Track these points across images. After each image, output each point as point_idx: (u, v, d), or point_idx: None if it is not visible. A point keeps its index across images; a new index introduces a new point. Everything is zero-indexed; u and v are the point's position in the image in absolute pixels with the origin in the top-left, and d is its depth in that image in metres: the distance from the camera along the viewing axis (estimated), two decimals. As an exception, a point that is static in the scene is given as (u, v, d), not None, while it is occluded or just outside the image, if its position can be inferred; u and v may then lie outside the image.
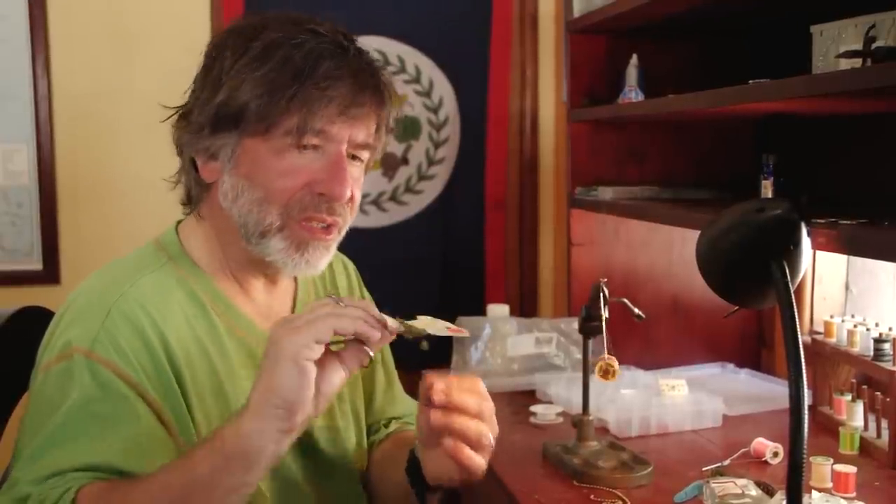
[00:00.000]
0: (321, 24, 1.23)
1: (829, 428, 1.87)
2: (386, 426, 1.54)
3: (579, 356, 2.08)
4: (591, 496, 1.57)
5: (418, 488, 1.28)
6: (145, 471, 1.08)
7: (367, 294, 1.59)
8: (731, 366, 2.40)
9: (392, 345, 1.60)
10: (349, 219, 1.28)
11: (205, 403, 1.20)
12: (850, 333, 1.87)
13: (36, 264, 3.01)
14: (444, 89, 3.24)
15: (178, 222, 1.36)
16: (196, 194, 1.29)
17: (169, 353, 1.17)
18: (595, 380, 1.70)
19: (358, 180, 1.27)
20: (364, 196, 1.69)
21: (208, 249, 1.30)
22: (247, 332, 1.29)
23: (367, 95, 1.22)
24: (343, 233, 1.30)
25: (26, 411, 1.16)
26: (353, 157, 1.26)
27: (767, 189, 1.92)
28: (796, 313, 0.95)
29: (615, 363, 1.64)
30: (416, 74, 3.22)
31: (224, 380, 1.23)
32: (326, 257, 1.27)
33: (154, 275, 1.24)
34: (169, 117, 1.30)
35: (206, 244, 1.30)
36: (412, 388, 1.74)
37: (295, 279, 1.43)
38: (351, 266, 1.59)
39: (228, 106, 1.20)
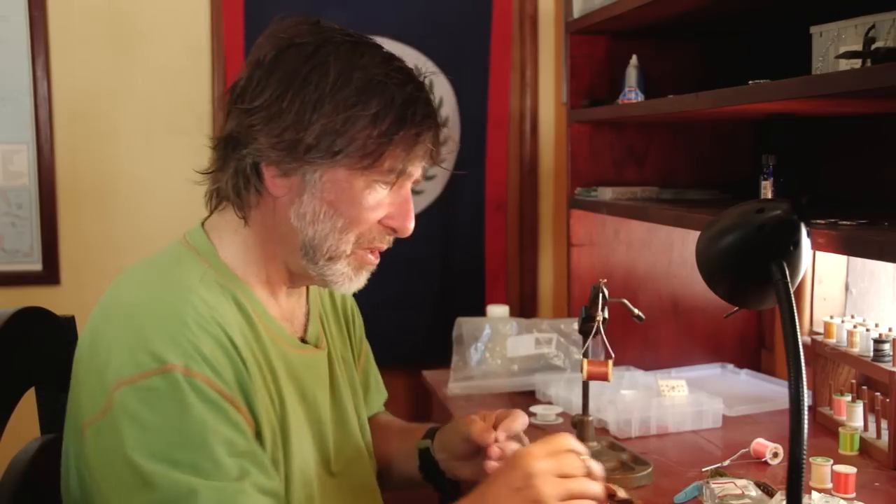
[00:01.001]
0: (396, 57, 1.27)
1: (828, 428, 1.87)
2: None
3: (579, 357, 2.08)
4: (591, 497, 1.57)
5: (436, 482, 1.40)
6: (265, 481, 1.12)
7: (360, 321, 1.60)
8: (730, 366, 2.40)
9: (374, 339, 1.63)
10: None
11: (268, 409, 1.20)
12: (850, 334, 1.87)
13: (36, 265, 3.01)
14: (443, 90, 3.24)
15: (203, 221, 1.34)
16: (248, 200, 1.25)
17: (243, 362, 1.16)
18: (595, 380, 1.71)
19: None
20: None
21: (245, 256, 1.28)
22: (280, 337, 1.29)
23: (443, 135, 1.28)
24: None
25: (109, 424, 1.09)
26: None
27: (767, 190, 1.92)
28: (796, 314, 0.95)
29: (606, 367, 1.64)
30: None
31: (271, 384, 1.23)
32: (366, 278, 1.31)
33: (204, 281, 1.21)
34: (227, 114, 1.26)
35: (245, 250, 1.28)
36: (407, 382, 1.75)
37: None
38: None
39: (332, 136, 1.18)
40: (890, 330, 1.81)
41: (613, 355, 1.67)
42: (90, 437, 1.11)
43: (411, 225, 1.27)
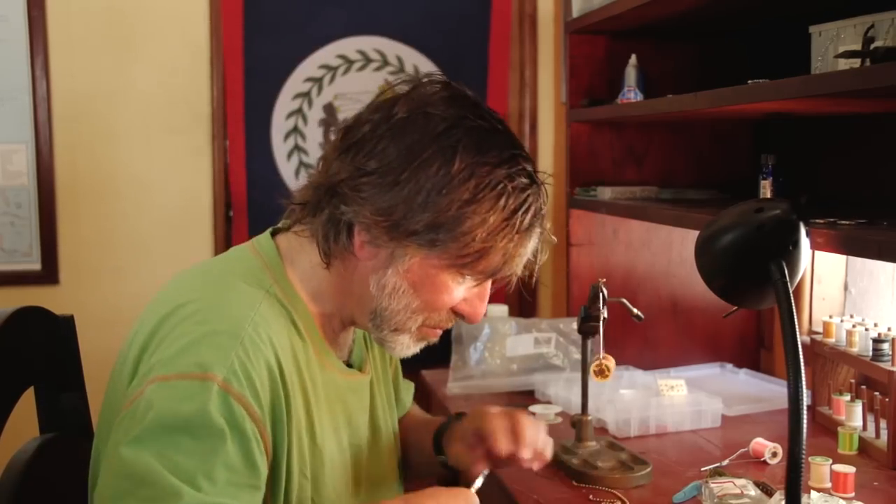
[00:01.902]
0: (523, 154, 1.20)
1: (827, 428, 1.87)
2: None
3: (578, 356, 2.08)
4: (590, 496, 1.57)
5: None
6: None
7: None
8: (730, 366, 2.40)
9: None
10: None
11: (301, 439, 1.19)
12: (849, 334, 1.87)
13: (35, 264, 3.01)
14: (443, 90, 3.23)
15: (273, 232, 1.31)
16: (334, 249, 1.22)
17: (284, 388, 1.15)
18: (594, 380, 1.71)
19: None
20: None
21: (315, 289, 1.26)
22: (330, 362, 1.28)
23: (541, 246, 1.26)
24: None
25: (133, 415, 1.08)
26: None
27: (766, 189, 1.92)
28: (795, 314, 0.95)
29: (612, 363, 1.64)
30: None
31: (314, 412, 1.22)
32: None
33: (268, 300, 1.19)
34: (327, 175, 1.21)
35: (316, 286, 1.26)
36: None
37: None
38: None
39: (438, 229, 1.15)
40: (889, 329, 1.81)
41: (602, 355, 1.67)
42: (115, 425, 1.11)
43: (482, 315, 1.28)
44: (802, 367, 0.92)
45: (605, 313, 1.67)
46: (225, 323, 1.12)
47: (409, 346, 1.27)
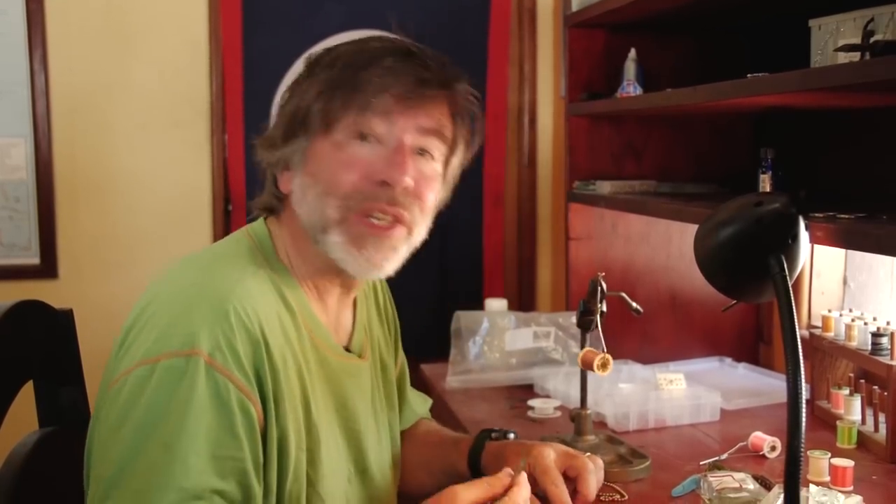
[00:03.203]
0: (393, 36, 1.29)
1: (826, 422, 1.87)
2: None
3: (577, 350, 2.08)
4: (589, 490, 1.57)
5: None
6: (246, 495, 1.10)
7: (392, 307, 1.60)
8: (728, 360, 2.40)
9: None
10: (419, 219, 1.26)
11: (296, 413, 1.20)
12: (848, 328, 1.87)
13: (34, 258, 3.01)
14: (442, 84, 3.23)
15: (266, 217, 1.34)
16: (275, 206, 1.30)
17: (271, 361, 1.15)
18: (593, 374, 1.71)
19: (428, 177, 1.26)
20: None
21: (292, 255, 1.29)
22: (324, 342, 1.28)
23: (433, 84, 1.23)
24: (415, 236, 1.28)
25: (124, 399, 1.10)
26: (423, 153, 1.25)
27: (766, 183, 1.92)
28: (794, 307, 0.95)
29: (607, 359, 1.64)
30: (414, 69, 3.22)
31: (308, 388, 1.23)
32: (391, 259, 1.25)
33: (256, 276, 1.21)
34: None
35: (291, 249, 1.29)
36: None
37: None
38: (384, 283, 1.59)
39: (296, 114, 1.23)
40: (888, 323, 1.81)
41: (605, 350, 1.67)
42: (105, 408, 1.13)
43: (402, 174, 1.20)
44: (801, 361, 0.92)
45: (604, 307, 1.67)
46: (208, 299, 1.14)
47: (349, 251, 1.22)
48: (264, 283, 1.21)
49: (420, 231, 1.28)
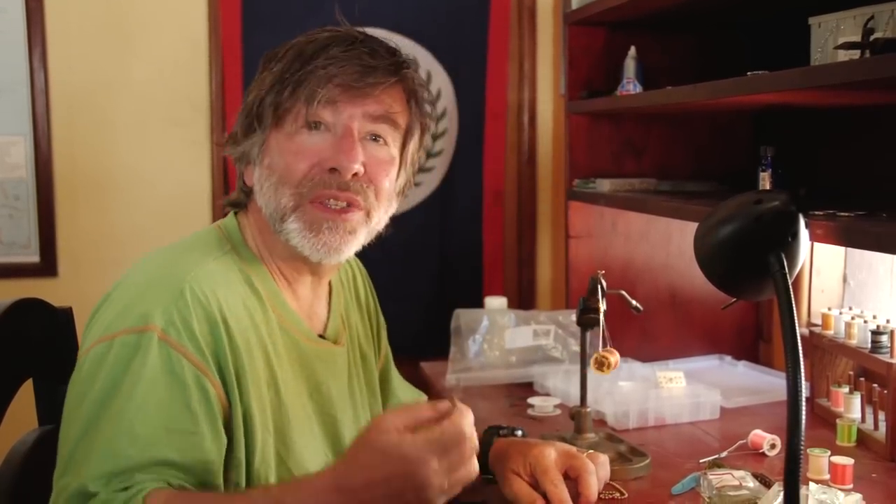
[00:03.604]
0: (344, 27, 1.32)
1: (826, 420, 1.87)
2: None
3: (577, 348, 2.08)
4: (589, 488, 1.57)
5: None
6: (203, 469, 1.10)
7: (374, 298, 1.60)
8: (728, 358, 2.40)
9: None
10: (375, 204, 1.29)
11: (260, 392, 1.21)
12: (848, 326, 1.87)
13: (33, 257, 3.01)
14: (442, 81, 3.23)
15: (237, 212, 1.37)
16: (242, 200, 1.34)
17: (231, 341, 1.18)
18: (593, 372, 1.71)
19: (382, 161, 1.29)
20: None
21: (261, 246, 1.32)
22: (295, 327, 1.31)
23: (379, 71, 1.26)
24: (373, 220, 1.30)
25: (83, 375, 1.14)
26: (376, 139, 1.28)
27: (765, 181, 1.91)
28: (794, 305, 0.95)
29: (610, 356, 1.64)
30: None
31: (277, 371, 1.25)
32: (349, 242, 1.27)
33: (219, 261, 1.25)
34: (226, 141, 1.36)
35: (260, 240, 1.32)
36: (405, 373, 1.77)
37: (329, 282, 1.44)
38: (364, 272, 1.61)
39: (251, 108, 1.28)
40: (887, 321, 1.81)
41: (610, 345, 1.67)
42: (68, 388, 1.17)
43: (350, 160, 1.24)
44: (801, 359, 0.92)
45: (604, 305, 1.67)
46: (166, 280, 1.18)
47: (305, 236, 1.24)
48: (230, 268, 1.25)
49: (379, 215, 1.31)
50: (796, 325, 0.94)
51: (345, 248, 1.27)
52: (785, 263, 1.01)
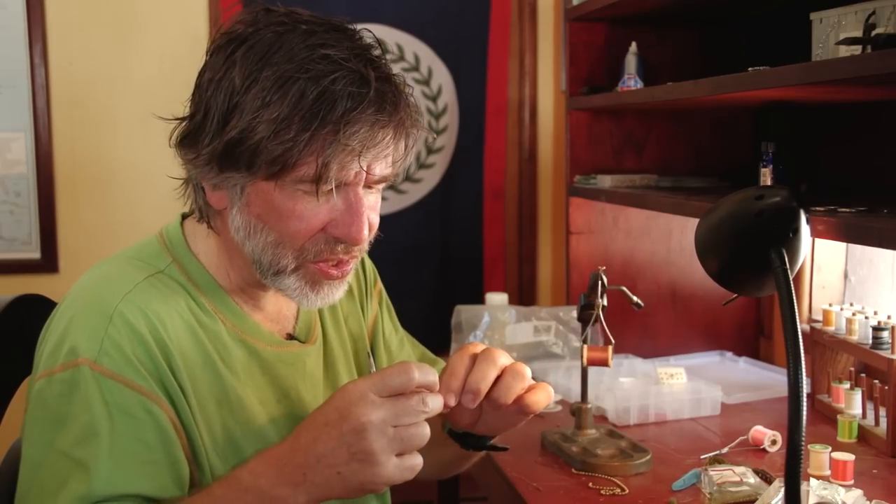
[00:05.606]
0: (337, 41, 1.11)
1: (827, 416, 1.87)
2: None
3: (578, 344, 2.08)
4: (590, 484, 1.57)
5: (469, 442, 1.30)
6: (164, 491, 1.08)
7: (381, 286, 1.55)
8: (729, 354, 2.41)
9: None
10: (366, 246, 1.21)
11: (206, 412, 1.17)
12: (849, 322, 1.87)
13: (34, 253, 3.01)
14: (442, 78, 3.23)
15: (184, 216, 1.28)
16: (206, 212, 1.21)
17: (169, 361, 1.13)
18: (594, 368, 1.71)
19: (375, 207, 1.19)
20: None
21: (217, 259, 1.24)
22: (253, 336, 1.24)
23: (389, 132, 1.12)
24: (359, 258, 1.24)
25: (30, 415, 1.12)
26: (370, 186, 1.17)
27: (766, 177, 1.91)
28: (795, 301, 0.95)
29: (606, 353, 1.64)
30: (415, 63, 3.21)
31: (228, 387, 1.19)
32: (341, 289, 1.22)
33: (156, 277, 1.18)
34: (173, 130, 1.20)
35: (217, 254, 1.24)
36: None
37: None
38: (368, 264, 1.51)
39: (240, 144, 1.08)
40: (888, 317, 1.81)
41: (613, 341, 1.67)
42: (24, 421, 1.15)
43: (360, 233, 1.13)
44: (802, 355, 0.92)
45: (604, 301, 1.67)
46: (94, 306, 1.13)
47: (306, 293, 1.18)
48: (167, 284, 1.18)
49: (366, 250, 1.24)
50: (797, 321, 0.94)
51: (337, 296, 1.22)
52: (786, 259, 1.00)
